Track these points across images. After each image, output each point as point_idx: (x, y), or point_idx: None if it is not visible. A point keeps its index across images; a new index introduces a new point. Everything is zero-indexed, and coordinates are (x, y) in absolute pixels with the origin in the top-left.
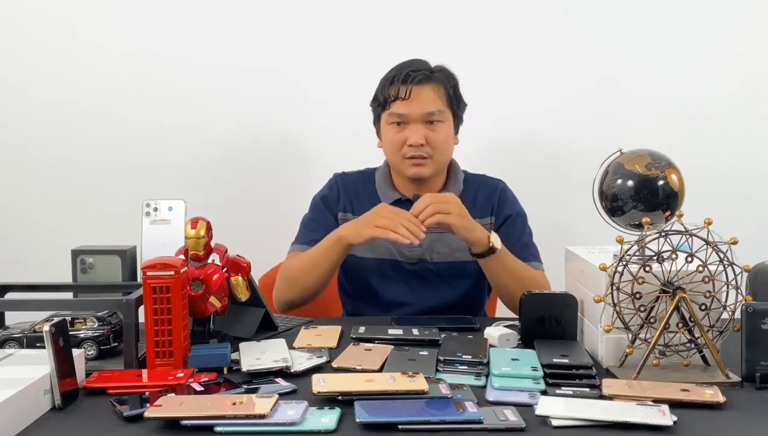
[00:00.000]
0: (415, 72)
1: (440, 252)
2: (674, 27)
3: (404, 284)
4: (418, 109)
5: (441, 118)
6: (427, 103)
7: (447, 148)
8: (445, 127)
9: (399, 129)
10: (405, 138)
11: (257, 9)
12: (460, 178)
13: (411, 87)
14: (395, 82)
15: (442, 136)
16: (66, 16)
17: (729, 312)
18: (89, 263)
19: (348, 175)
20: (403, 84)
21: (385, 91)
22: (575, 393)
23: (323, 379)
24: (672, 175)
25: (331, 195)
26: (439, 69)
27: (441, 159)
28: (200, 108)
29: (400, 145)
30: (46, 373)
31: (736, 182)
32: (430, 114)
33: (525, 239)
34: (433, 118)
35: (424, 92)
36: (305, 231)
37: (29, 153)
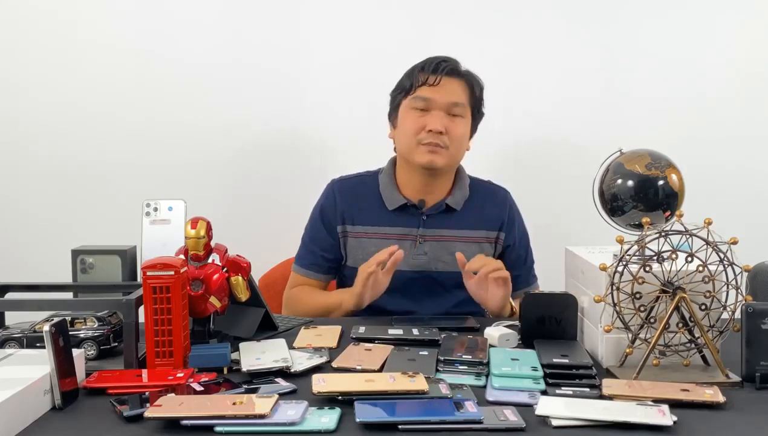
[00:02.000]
0: (446, 63)
1: (445, 261)
2: (674, 27)
3: (407, 294)
4: (445, 97)
5: (462, 113)
6: (454, 93)
7: (462, 143)
8: (464, 123)
9: (421, 114)
10: (425, 123)
11: (258, 8)
12: (466, 184)
13: (441, 76)
14: (425, 69)
15: (461, 130)
16: (65, 16)
17: (729, 312)
18: (89, 263)
19: (345, 181)
20: (434, 72)
21: (413, 77)
22: (575, 393)
23: (323, 379)
24: (672, 175)
25: (329, 206)
26: (468, 71)
27: (455, 153)
28: (201, 108)
29: (419, 130)
30: (46, 373)
31: (736, 182)
32: (454, 104)
33: (529, 261)
34: (456, 110)
35: (453, 84)
36: (305, 252)
37: (29, 153)
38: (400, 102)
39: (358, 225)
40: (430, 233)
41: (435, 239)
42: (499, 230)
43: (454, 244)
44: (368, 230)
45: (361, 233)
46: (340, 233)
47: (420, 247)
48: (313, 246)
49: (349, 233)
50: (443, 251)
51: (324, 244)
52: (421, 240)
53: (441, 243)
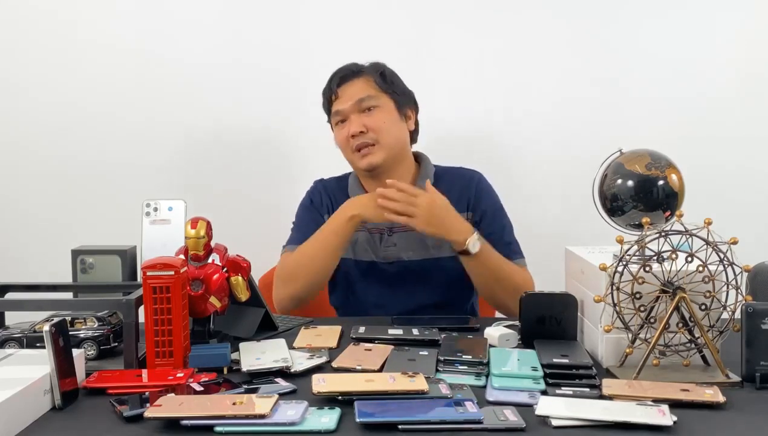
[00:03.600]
0: (340, 72)
1: (413, 250)
2: (674, 27)
3: (385, 286)
4: (349, 101)
5: (375, 103)
6: (356, 92)
7: (390, 131)
8: (382, 112)
9: (342, 126)
10: (347, 132)
11: (258, 9)
12: (431, 172)
13: (337, 88)
14: (327, 90)
15: (381, 119)
16: (65, 16)
17: (729, 312)
18: (89, 263)
19: (327, 181)
20: (331, 87)
21: (324, 102)
22: (575, 393)
23: (323, 379)
24: (672, 175)
25: (316, 199)
26: (368, 64)
27: (388, 142)
28: (201, 108)
29: (346, 140)
30: (46, 373)
31: (736, 182)
32: (360, 101)
33: (506, 236)
34: (365, 104)
35: (354, 86)
36: (296, 233)
37: (29, 153)
38: (332, 125)
39: None
40: (397, 225)
41: (403, 229)
42: (468, 210)
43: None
44: None
45: None
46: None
47: (388, 239)
48: (303, 227)
49: None
50: (412, 240)
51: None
52: (388, 233)
53: (409, 233)
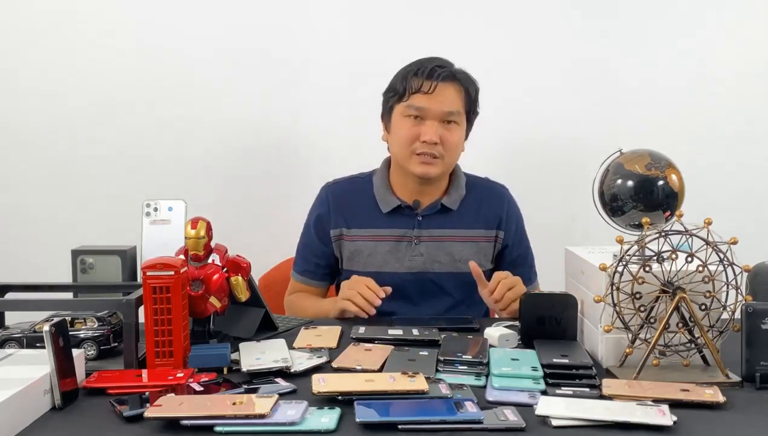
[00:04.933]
0: (441, 68)
1: (441, 262)
2: (674, 27)
3: (403, 297)
4: (439, 106)
5: (458, 120)
6: (449, 102)
7: (457, 151)
8: (459, 130)
9: (415, 123)
10: (419, 133)
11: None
12: (462, 184)
13: (436, 83)
14: (419, 75)
15: (456, 137)
16: (65, 16)
17: (729, 312)
18: (89, 263)
19: (339, 185)
20: (428, 78)
21: (406, 82)
22: (575, 393)
23: (323, 379)
24: (672, 175)
25: (323, 212)
26: (463, 72)
27: (450, 161)
28: (201, 109)
29: (413, 139)
30: (46, 373)
31: (736, 182)
32: (449, 113)
33: (530, 258)
34: (451, 118)
35: (447, 90)
36: (300, 259)
37: (29, 153)
38: (393, 106)
39: (353, 228)
40: (426, 233)
41: (431, 239)
42: (498, 228)
43: (451, 244)
44: (363, 232)
45: (356, 236)
46: (334, 238)
47: (416, 248)
48: (306, 253)
49: (345, 237)
50: (439, 251)
51: (317, 251)
52: (416, 241)
53: (437, 244)
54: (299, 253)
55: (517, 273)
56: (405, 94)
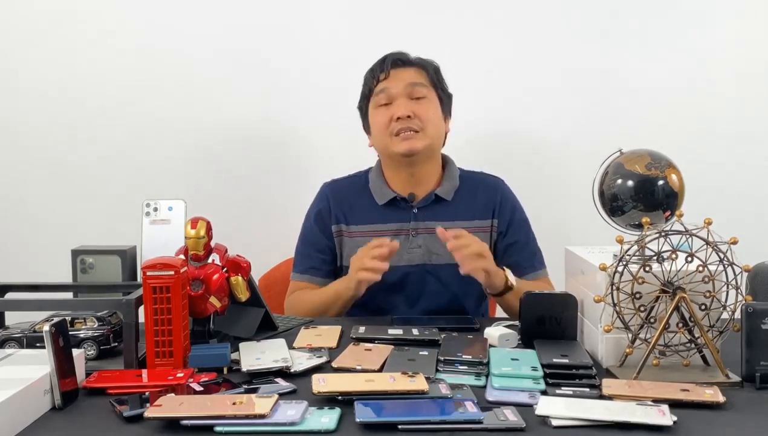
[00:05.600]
0: (393, 56)
1: (439, 253)
2: (674, 26)
3: (403, 289)
4: (401, 83)
5: (426, 94)
6: (408, 77)
7: (437, 124)
8: (431, 103)
9: (385, 109)
10: (391, 114)
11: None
12: (456, 174)
13: (389, 67)
14: (375, 71)
15: (430, 110)
16: (64, 15)
17: (729, 312)
18: (89, 263)
19: (337, 183)
20: (383, 67)
21: (368, 82)
22: (575, 393)
23: (323, 379)
24: (672, 175)
25: (323, 209)
26: (418, 58)
27: (431, 133)
28: (201, 108)
29: (387, 122)
30: (46, 373)
31: (737, 182)
32: (412, 85)
33: (531, 245)
34: (416, 92)
35: (405, 72)
36: (301, 258)
37: (29, 153)
38: (367, 108)
39: (352, 224)
40: (423, 225)
41: (428, 231)
42: (492, 218)
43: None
44: (362, 228)
45: (356, 232)
46: (335, 233)
47: (413, 240)
48: (308, 250)
49: (344, 233)
50: (437, 243)
51: (320, 245)
52: (413, 233)
53: (434, 235)
54: (300, 252)
55: (515, 260)
56: (370, 93)
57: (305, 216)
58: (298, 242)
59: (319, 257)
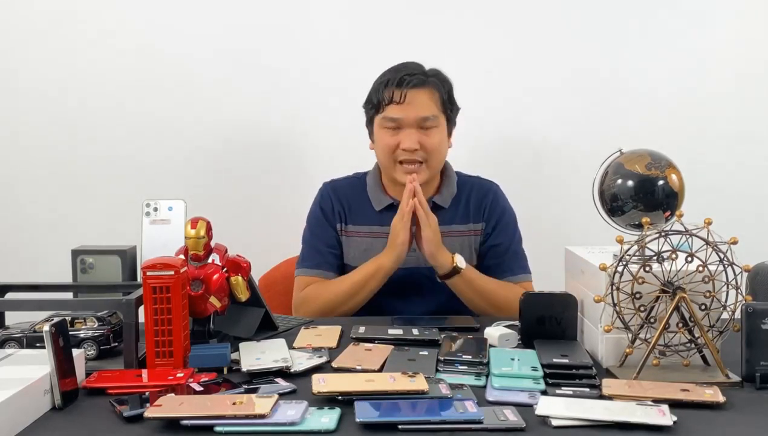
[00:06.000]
0: (410, 76)
1: None
2: (675, 27)
3: (398, 292)
4: (413, 114)
5: (435, 124)
6: (422, 107)
7: (441, 152)
8: (439, 132)
9: (393, 133)
10: (398, 142)
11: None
12: (454, 181)
13: (406, 91)
14: (390, 85)
15: (436, 140)
16: (65, 16)
17: (729, 312)
18: (89, 263)
19: (337, 182)
20: (398, 87)
21: (379, 94)
22: (575, 393)
23: (323, 379)
24: (672, 175)
25: (327, 206)
26: (434, 73)
27: (434, 164)
28: (201, 108)
29: (393, 148)
30: (46, 373)
31: (737, 182)
32: (424, 119)
33: (514, 246)
34: (427, 123)
35: (419, 97)
36: (311, 252)
37: (29, 153)
38: (372, 117)
39: (350, 224)
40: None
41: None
42: (482, 220)
43: (445, 240)
44: (360, 229)
45: (353, 232)
46: (339, 231)
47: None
48: (319, 245)
49: (344, 232)
50: None
51: (331, 241)
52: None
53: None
54: (309, 247)
55: (494, 262)
56: (380, 107)
57: (309, 214)
58: (306, 239)
59: (330, 253)
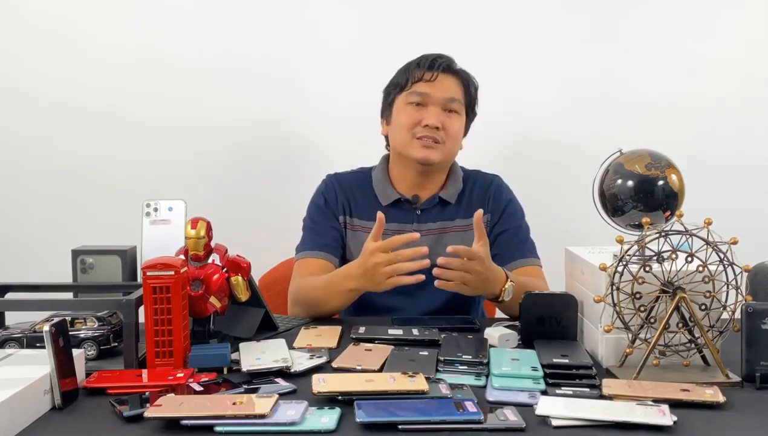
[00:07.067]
0: (442, 59)
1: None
2: (675, 26)
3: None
4: (441, 93)
5: (458, 109)
6: (450, 89)
7: (458, 140)
8: (460, 120)
9: (417, 109)
10: (421, 118)
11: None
12: (460, 177)
13: (437, 72)
14: (421, 65)
15: (457, 126)
16: (64, 15)
17: (729, 312)
18: (89, 263)
19: (341, 175)
20: (430, 69)
21: (408, 73)
22: (575, 393)
23: (323, 379)
24: (672, 175)
25: (330, 196)
26: (464, 70)
27: (450, 148)
28: (201, 108)
29: (414, 124)
30: (46, 373)
31: (737, 182)
32: (451, 99)
33: (522, 235)
34: (452, 106)
35: (449, 80)
36: (310, 235)
37: (29, 153)
38: (395, 98)
39: (355, 218)
40: (425, 227)
41: (429, 233)
42: (488, 213)
43: (449, 235)
44: (364, 224)
45: (358, 226)
46: (341, 223)
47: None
48: (320, 230)
49: (348, 225)
50: (438, 244)
51: (328, 224)
52: None
53: (436, 237)
54: (310, 232)
55: (504, 249)
56: (407, 84)
57: (311, 203)
58: (306, 226)
59: (331, 237)
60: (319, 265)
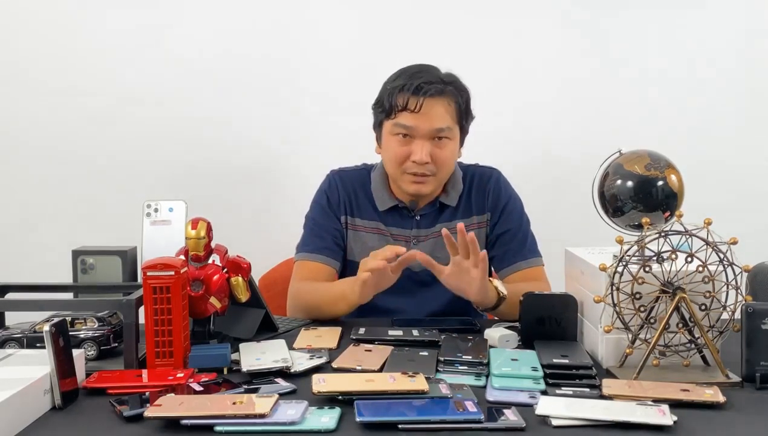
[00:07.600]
0: (427, 84)
1: (440, 257)
2: (675, 27)
3: (402, 291)
4: (428, 124)
5: (449, 136)
6: (437, 119)
7: (450, 165)
8: (451, 144)
9: (403, 141)
10: (409, 152)
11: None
12: (460, 179)
13: (422, 100)
14: (405, 91)
15: (448, 153)
16: (65, 15)
17: (729, 312)
18: (89, 263)
19: (345, 172)
20: (414, 95)
21: (392, 99)
22: (575, 393)
23: (323, 379)
24: (671, 175)
25: (333, 195)
26: (452, 80)
27: (442, 176)
28: (201, 109)
29: (403, 159)
30: (46, 373)
31: (736, 182)
32: (438, 130)
33: (522, 231)
34: (441, 134)
35: (436, 107)
36: (311, 236)
37: (29, 154)
38: (382, 121)
39: (357, 218)
40: (424, 233)
41: (429, 237)
42: (486, 211)
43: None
44: (366, 224)
45: (360, 226)
46: (343, 223)
47: (414, 247)
48: (321, 231)
49: (350, 225)
50: (437, 248)
51: (333, 230)
52: (414, 241)
53: (435, 240)
54: (311, 232)
55: (504, 249)
56: (392, 112)
57: (314, 200)
58: (308, 224)
59: (332, 239)
60: (318, 269)
